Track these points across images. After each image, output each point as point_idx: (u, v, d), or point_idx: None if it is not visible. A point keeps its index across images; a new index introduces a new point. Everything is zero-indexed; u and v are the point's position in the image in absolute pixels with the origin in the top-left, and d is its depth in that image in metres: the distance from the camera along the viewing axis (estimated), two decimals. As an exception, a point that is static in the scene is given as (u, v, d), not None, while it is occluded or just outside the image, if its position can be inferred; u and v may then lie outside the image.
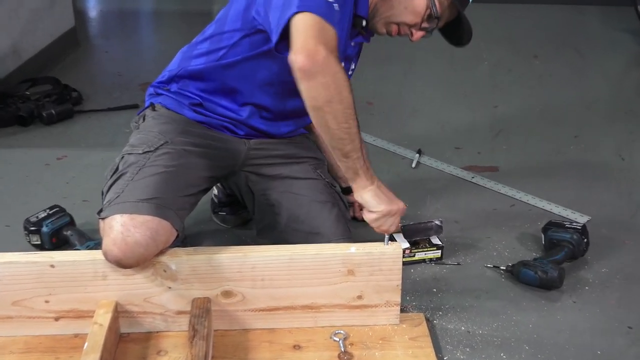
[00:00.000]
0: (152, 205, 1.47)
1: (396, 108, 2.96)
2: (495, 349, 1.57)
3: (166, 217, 1.47)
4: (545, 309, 1.71)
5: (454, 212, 2.16)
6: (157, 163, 1.57)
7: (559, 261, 1.82)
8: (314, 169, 1.80)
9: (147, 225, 1.43)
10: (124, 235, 1.41)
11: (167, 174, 1.56)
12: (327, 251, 1.52)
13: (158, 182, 1.53)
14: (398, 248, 1.53)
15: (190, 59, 1.71)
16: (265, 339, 1.55)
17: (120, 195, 1.51)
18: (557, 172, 2.42)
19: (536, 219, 2.10)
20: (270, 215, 1.75)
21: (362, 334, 1.57)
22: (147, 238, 1.42)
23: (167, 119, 1.70)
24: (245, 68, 1.64)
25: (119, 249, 1.41)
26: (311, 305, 1.56)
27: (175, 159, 1.60)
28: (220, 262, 1.50)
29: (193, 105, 1.71)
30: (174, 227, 1.48)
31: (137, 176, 1.54)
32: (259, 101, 1.69)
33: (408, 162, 2.49)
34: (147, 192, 1.50)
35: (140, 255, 1.42)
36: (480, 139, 2.68)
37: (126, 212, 1.45)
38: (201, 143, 1.68)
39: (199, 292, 1.52)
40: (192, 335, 1.41)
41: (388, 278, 1.55)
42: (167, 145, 1.63)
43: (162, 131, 1.66)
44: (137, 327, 1.55)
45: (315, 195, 1.73)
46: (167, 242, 1.48)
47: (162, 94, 1.75)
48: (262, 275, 1.52)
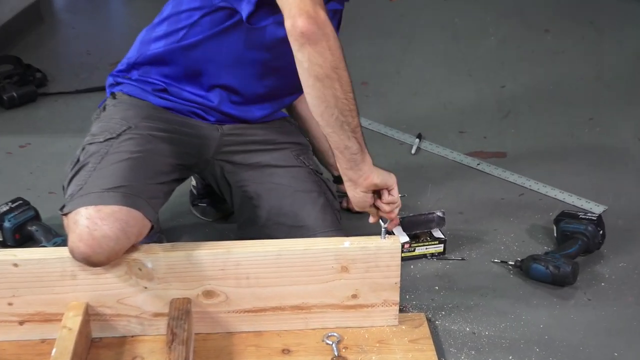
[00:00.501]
0: (119, 194, 1.47)
1: (394, 88, 2.96)
2: (503, 352, 1.58)
3: (136, 206, 1.47)
4: (558, 308, 1.72)
5: (458, 202, 2.16)
6: (121, 149, 1.58)
7: (572, 255, 1.83)
8: (296, 155, 1.80)
9: (115, 217, 1.43)
10: (90, 229, 1.41)
11: (133, 160, 1.56)
12: (319, 246, 1.52)
13: (124, 169, 1.53)
14: (396, 242, 1.54)
15: (149, 42, 1.71)
16: (251, 342, 1.56)
17: (83, 187, 1.51)
18: (570, 157, 2.43)
19: (547, 209, 2.11)
20: (249, 208, 1.75)
21: (357, 336, 1.58)
22: (117, 230, 1.42)
23: (130, 105, 1.70)
24: (208, 48, 1.64)
25: (86, 245, 1.41)
26: (301, 306, 1.57)
27: (140, 145, 1.60)
28: (200, 259, 1.50)
29: (157, 91, 1.72)
30: (146, 217, 1.49)
31: (100, 165, 1.54)
32: (227, 82, 1.69)
33: (407, 147, 2.49)
34: (112, 180, 1.50)
35: (110, 250, 1.42)
36: (486, 122, 2.68)
37: (91, 204, 1.44)
38: (168, 128, 1.68)
39: (177, 292, 1.52)
40: (170, 340, 1.41)
41: (385, 275, 1.55)
42: (131, 130, 1.63)
43: (124, 117, 1.66)
44: (110, 331, 1.55)
45: (299, 184, 1.74)
46: (139, 234, 1.48)
47: (123, 82, 1.76)
48: (247, 273, 1.52)
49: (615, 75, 3.06)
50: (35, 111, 2.70)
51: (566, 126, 2.64)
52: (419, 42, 3.41)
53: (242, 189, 1.76)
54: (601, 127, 2.63)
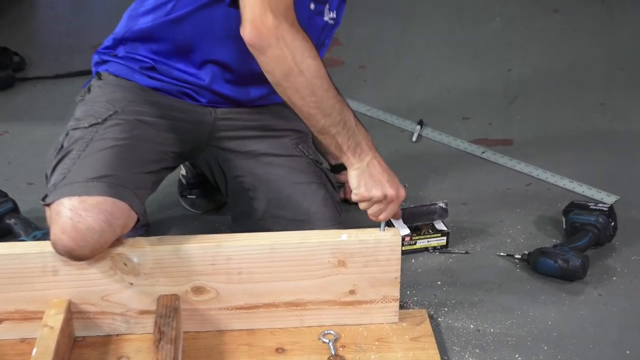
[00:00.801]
0: (104, 184, 1.47)
1: (393, 72, 2.95)
2: (509, 350, 1.58)
3: (122, 197, 1.47)
4: (567, 303, 1.73)
5: (462, 192, 2.17)
6: (107, 136, 1.57)
7: (582, 248, 1.83)
8: (295, 144, 1.79)
9: (100, 208, 1.43)
10: (73, 221, 1.41)
11: (120, 148, 1.56)
12: (314, 239, 1.52)
13: (109, 157, 1.53)
14: (396, 235, 1.54)
15: (137, 17, 1.70)
16: (243, 341, 1.56)
17: (66, 176, 1.50)
18: (580, 144, 2.43)
19: (556, 199, 2.12)
20: (245, 200, 1.75)
21: (355, 334, 1.58)
22: (102, 222, 1.42)
23: (116, 87, 1.70)
24: (199, 20, 1.63)
25: (69, 238, 1.41)
26: (296, 302, 1.57)
27: (127, 131, 1.60)
28: (189, 254, 1.50)
29: (145, 70, 1.71)
30: (132, 208, 1.49)
31: (84, 153, 1.54)
32: (220, 58, 1.67)
33: (408, 135, 2.49)
34: (97, 169, 1.50)
35: (94, 243, 1.42)
36: (491, 108, 2.68)
37: (74, 195, 1.44)
38: (157, 113, 1.68)
39: (165, 288, 1.52)
40: (158, 339, 1.41)
41: (385, 270, 1.55)
42: (118, 115, 1.62)
43: (110, 100, 1.66)
44: (94, 329, 1.55)
45: (298, 176, 1.74)
46: (125, 226, 1.48)
47: (109, 60, 1.75)
48: (238, 268, 1.52)
49: (628, 56, 3.06)
50: (13, 97, 2.69)
51: (576, 111, 2.64)
52: (420, 21, 3.41)
53: (237, 179, 1.76)
54: (613, 112, 2.64)
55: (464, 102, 2.71)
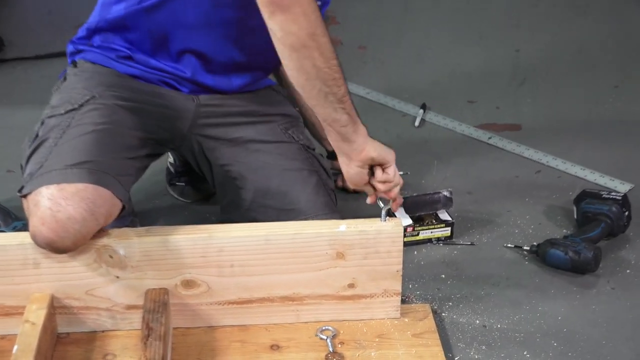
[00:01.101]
0: (83, 170, 1.47)
1: (394, 53, 2.95)
2: (516, 347, 1.58)
3: (104, 183, 1.47)
4: (578, 298, 1.73)
5: (467, 180, 2.17)
6: (85, 121, 1.57)
7: (594, 239, 1.84)
8: (285, 129, 1.79)
9: (80, 196, 1.43)
10: (53, 210, 1.41)
11: (99, 133, 1.56)
12: (311, 230, 1.52)
13: (88, 143, 1.53)
14: (398, 225, 1.53)
15: (110, 5, 1.70)
16: (236, 338, 1.56)
17: (43, 164, 1.50)
18: (593, 130, 2.43)
19: (567, 188, 2.12)
20: (233, 190, 1.76)
21: (354, 330, 1.58)
22: (83, 211, 1.42)
23: (93, 74, 1.70)
24: (172, 8, 1.63)
25: (49, 229, 1.40)
26: (292, 297, 1.57)
27: (106, 115, 1.60)
28: (179, 245, 1.50)
29: (122, 58, 1.71)
30: (115, 195, 1.48)
31: (61, 140, 1.54)
32: (197, 47, 1.67)
33: (410, 119, 2.49)
34: (75, 156, 1.49)
35: (76, 234, 1.42)
36: (499, 90, 2.68)
37: (53, 183, 1.44)
38: (136, 98, 1.68)
39: (153, 282, 1.52)
40: (145, 335, 1.41)
41: (386, 262, 1.55)
42: (95, 100, 1.63)
43: (87, 86, 1.66)
44: (78, 325, 1.55)
45: (287, 162, 1.74)
46: (108, 215, 1.48)
47: (84, 49, 1.75)
48: (231, 260, 1.52)
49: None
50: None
51: (588, 94, 2.64)
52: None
53: (223, 168, 1.76)
54: (628, 95, 2.64)
55: (470, 85, 2.71)
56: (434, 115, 2.51)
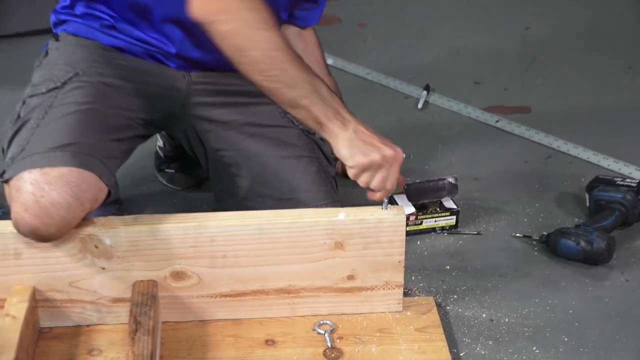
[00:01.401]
0: (67, 153, 1.46)
1: (396, 31, 2.94)
2: (525, 342, 1.58)
3: (89, 166, 1.46)
4: (590, 290, 1.73)
5: (473, 166, 2.17)
6: (68, 101, 1.57)
7: (607, 228, 1.84)
8: (284, 112, 1.73)
9: (64, 180, 1.42)
10: (36, 196, 1.40)
11: (83, 113, 1.55)
12: (308, 219, 1.51)
13: (71, 124, 1.53)
14: (400, 214, 1.53)
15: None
16: (229, 332, 1.55)
17: (25, 147, 1.49)
18: (606, 113, 2.43)
19: (579, 174, 2.12)
20: (228, 177, 1.75)
21: (354, 324, 1.58)
22: (67, 196, 1.41)
23: (75, 47, 1.69)
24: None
25: (32, 215, 1.40)
26: (288, 289, 1.57)
27: (90, 94, 1.59)
28: (168, 235, 1.49)
29: (106, 28, 1.70)
30: (101, 179, 1.48)
31: (43, 121, 1.54)
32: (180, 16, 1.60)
33: (413, 101, 2.48)
34: (59, 138, 1.49)
35: (61, 220, 1.41)
36: (507, 71, 2.67)
37: (35, 167, 1.44)
38: (122, 75, 1.67)
39: (141, 273, 1.52)
40: (133, 329, 1.41)
41: (387, 252, 1.55)
42: (79, 77, 1.62)
43: (69, 62, 1.65)
44: (61, 319, 1.55)
45: (286, 148, 1.73)
46: (94, 200, 1.47)
47: (67, 20, 1.74)
48: (223, 250, 1.51)
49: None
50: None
51: (602, 75, 2.64)
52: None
53: (218, 153, 1.75)
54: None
55: (476, 65, 2.71)
56: (438, 97, 2.50)
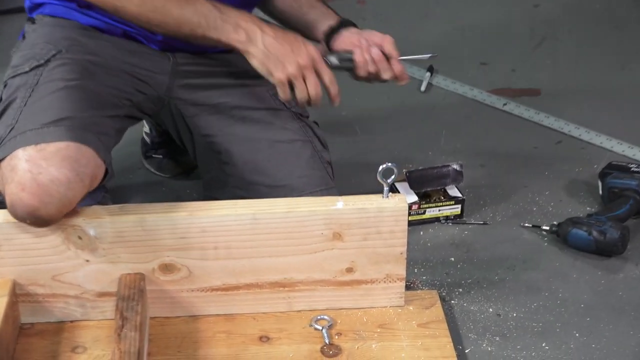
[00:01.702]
0: (62, 127, 1.45)
1: (398, 9, 2.94)
2: (534, 337, 1.58)
3: (86, 141, 1.46)
4: (603, 283, 1.73)
5: (479, 152, 2.17)
6: (55, 77, 1.57)
7: (621, 217, 1.84)
8: (275, 94, 1.72)
9: (62, 155, 1.41)
10: (33, 173, 1.39)
11: (72, 89, 1.55)
12: (304, 207, 1.51)
13: (63, 99, 1.53)
14: (402, 202, 1.52)
15: None
16: (220, 328, 1.56)
17: (14, 127, 1.49)
18: (619, 95, 2.43)
19: (591, 160, 2.13)
20: (217, 165, 1.75)
21: (353, 319, 1.58)
22: (67, 171, 1.40)
23: (54, 27, 1.69)
24: None
25: (30, 194, 1.38)
26: (283, 282, 1.56)
27: (76, 71, 1.60)
28: (156, 225, 1.49)
29: (83, 7, 1.69)
30: (98, 156, 1.47)
31: (31, 99, 1.54)
32: None
33: (416, 83, 2.49)
34: (51, 113, 1.49)
35: (62, 198, 1.40)
36: (515, 51, 2.68)
37: (29, 144, 1.43)
38: (105, 54, 1.67)
39: (128, 266, 1.52)
40: (120, 325, 1.41)
41: (389, 243, 1.54)
42: (62, 54, 1.62)
43: (50, 40, 1.65)
44: (43, 315, 1.55)
45: (278, 132, 1.73)
46: (94, 176, 1.47)
47: (43, 2, 1.73)
48: (214, 242, 1.51)
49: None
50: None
51: (614, 56, 2.64)
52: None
53: (206, 139, 1.75)
54: (659, 56, 2.65)
55: (482, 45, 2.72)
56: (442, 79, 2.51)
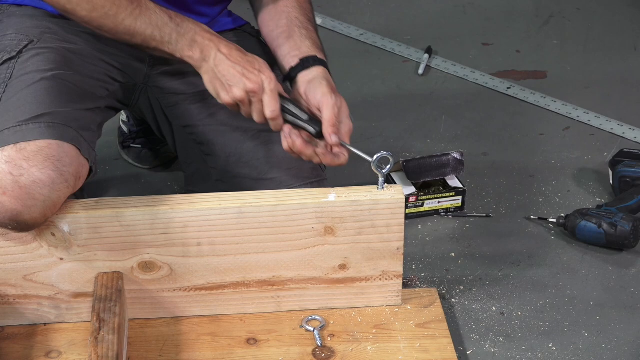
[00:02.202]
0: (42, 125, 1.45)
1: (394, -16, 2.93)
2: (540, 337, 1.59)
3: (68, 138, 1.45)
4: (614, 279, 1.74)
5: (481, 139, 2.17)
6: (30, 69, 1.56)
7: (633, 209, 1.85)
8: None
9: (44, 154, 1.41)
10: (14, 175, 1.39)
11: (49, 81, 1.54)
12: (293, 200, 1.51)
13: (40, 93, 1.51)
14: (399, 194, 1.52)
15: None
16: (205, 330, 1.56)
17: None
18: (631, 78, 2.43)
19: (601, 147, 2.14)
20: (198, 157, 1.75)
21: (347, 320, 1.58)
22: (50, 171, 1.40)
23: (22, 17, 1.68)
24: None
25: (12, 198, 1.38)
26: (272, 281, 1.57)
27: (52, 61, 1.59)
28: (135, 220, 1.49)
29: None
30: (81, 153, 1.47)
31: (5, 95, 1.52)
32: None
33: (413, 66, 2.49)
34: (28, 109, 1.47)
35: (45, 200, 1.40)
36: (520, 31, 2.67)
37: (8, 143, 1.42)
38: (80, 41, 1.66)
39: (105, 264, 1.52)
40: (97, 328, 1.40)
41: (384, 238, 1.54)
42: (34, 44, 1.61)
43: (19, 30, 1.64)
44: (15, 317, 1.55)
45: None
46: (77, 175, 1.46)
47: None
48: (197, 237, 1.51)
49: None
50: None
51: (626, 36, 2.64)
52: None
53: (186, 130, 1.74)
54: (675, 36, 2.64)
55: (484, 24, 2.71)
56: (441, 61, 2.50)
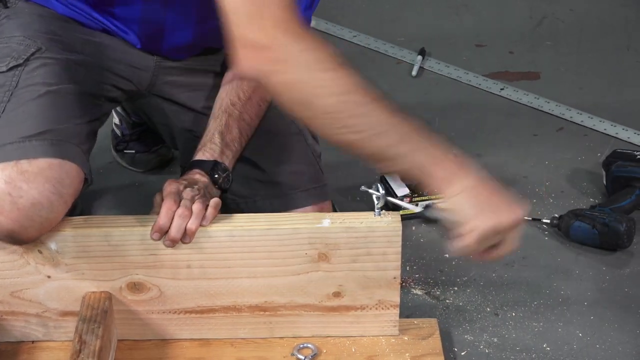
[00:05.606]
0: (45, 142, 1.40)
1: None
2: (534, 338, 1.56)
3: (69, 156, 1.41)
4: (607, 279, 1.71)
5: (475, 140, 2.13)
6: (35, 81, 1.50)
7: (627, 209, 1.82)
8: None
9: (45, 176, 1.37)
10: (13, 197, 1.34)
11: (54, 95, 1.49)
12: (286, 225, 1.46)
13: (45, 107, 1.47)
14: (396, 221, 1.45)
15: None
16: (194, 354, 1.51)
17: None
18: (626, 79, 2.39)
19: (595, 148, 2.10)
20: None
21: (340, 349, 1.51)
22: (49, 194, 1.36)
23: (31, 16, 1.61)
24: None
25: (9, 219, 1.34)
26: (264, 306, 1.51)
27: (58, 73, 1.53)
28: (124, 239, 1.44)
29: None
30: (82, 169, 1.44)
31: (10, 105, 1.47)
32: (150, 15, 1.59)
33: (406, 67, 2.45)
34: (33, 124, 1.43)
35: (43, 222, 1.37)
36: (513, 32, 2.64)
37: (9, 160, 1.37)
38: (86, 50, 1.61)
39: (93, 283, 1.47)
40: (77, 350, 1.35)
41: (380, 266, 1.47)
42: (42, 53, 1.55)
43: (28, 34, 1.57)
44: (2, 334, 1.51)
45: (266, 123, 1.67)
46: (75, 194, 1.43)
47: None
48: (188, 259, 1.45)
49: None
50: None
51: (621, 37, 2.60)
52: None
53: (191, 133, 1.70)
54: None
55: (478, 25, 2.68)
56: (435, 63, 2.47)
